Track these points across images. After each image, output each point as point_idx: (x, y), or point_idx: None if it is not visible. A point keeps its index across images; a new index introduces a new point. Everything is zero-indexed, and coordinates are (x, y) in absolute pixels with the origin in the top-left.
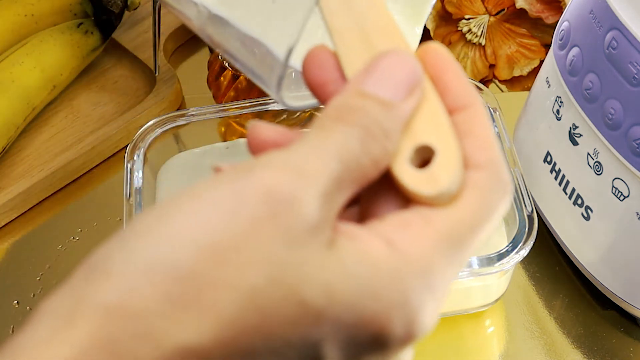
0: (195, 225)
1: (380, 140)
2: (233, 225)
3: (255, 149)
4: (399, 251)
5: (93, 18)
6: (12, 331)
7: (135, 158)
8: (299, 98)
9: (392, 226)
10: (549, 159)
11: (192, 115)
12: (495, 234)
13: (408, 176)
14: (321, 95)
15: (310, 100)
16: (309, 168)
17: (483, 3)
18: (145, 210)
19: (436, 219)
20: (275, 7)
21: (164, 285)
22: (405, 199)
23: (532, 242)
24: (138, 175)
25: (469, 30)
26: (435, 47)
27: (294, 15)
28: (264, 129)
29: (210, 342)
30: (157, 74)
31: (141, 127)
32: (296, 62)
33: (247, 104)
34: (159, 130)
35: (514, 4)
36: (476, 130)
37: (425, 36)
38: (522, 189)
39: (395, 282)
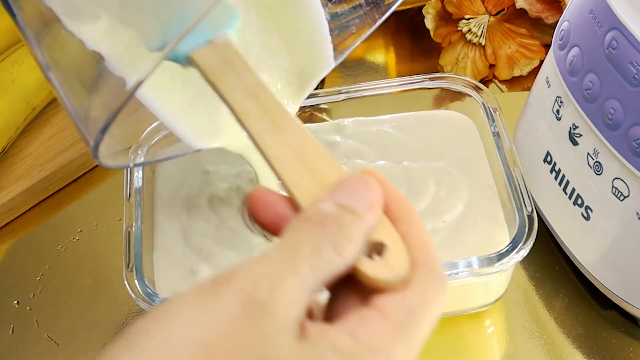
0: (188, 328)
1: (353, 242)
2: (219, 327)
3: (256, 208)
4: (363, 343)
5: None
6: (12, 331)
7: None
8: (114, 156)
9: (353, 323)
10: (549, 159)
11: None
12: (496, 234)
13: (368, 266)
14: (275, 230)
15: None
16: (282, 279)
17: (483, 3)
18: (144, 315)
19: (389, 311)
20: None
21: None
22: (362, 296)
23: (532, 242)
24: (138, 175)
25: (469, 30)
26: (374, 173)
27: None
28: (266, 194)
29: None
30: None
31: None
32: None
33: None
34: (163, 133)
35: (514, 4)
36: (414, 235)
37: (426, 36)
38: (522, 189)
39: None
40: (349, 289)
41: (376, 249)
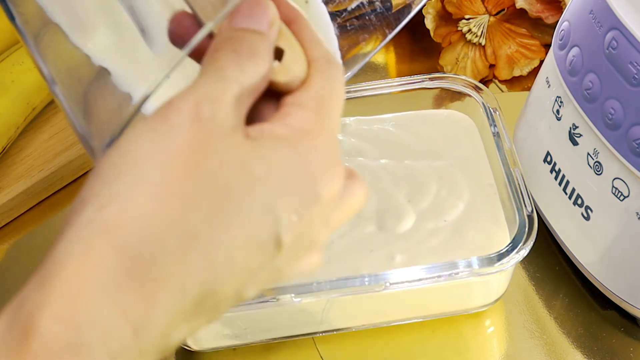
0: (150, 152)
1: (263, 58)
2: (177, 146)
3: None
4: (295, 128)
5: None
6: None
7: None
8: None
9: (280, 118)
10: (549, 159)
11: None
12: (497, 234)
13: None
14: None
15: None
16: (218, 95)
17: (483, 3)
18: (104, 154)
19: (303, 102)
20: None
21: (158, 189)
22: (275, 103)
23: (532, 242)
24: None
25: (469, 30)
26: None
27: (157, 62)
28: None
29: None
30: None
31: None
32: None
33: None
34: None
35: (514, 4)
36: (306, 34)
37: (426, 36)
38: (522, 189)
39: (305, 147)
40: (263, 100)
41: (276, 55)
